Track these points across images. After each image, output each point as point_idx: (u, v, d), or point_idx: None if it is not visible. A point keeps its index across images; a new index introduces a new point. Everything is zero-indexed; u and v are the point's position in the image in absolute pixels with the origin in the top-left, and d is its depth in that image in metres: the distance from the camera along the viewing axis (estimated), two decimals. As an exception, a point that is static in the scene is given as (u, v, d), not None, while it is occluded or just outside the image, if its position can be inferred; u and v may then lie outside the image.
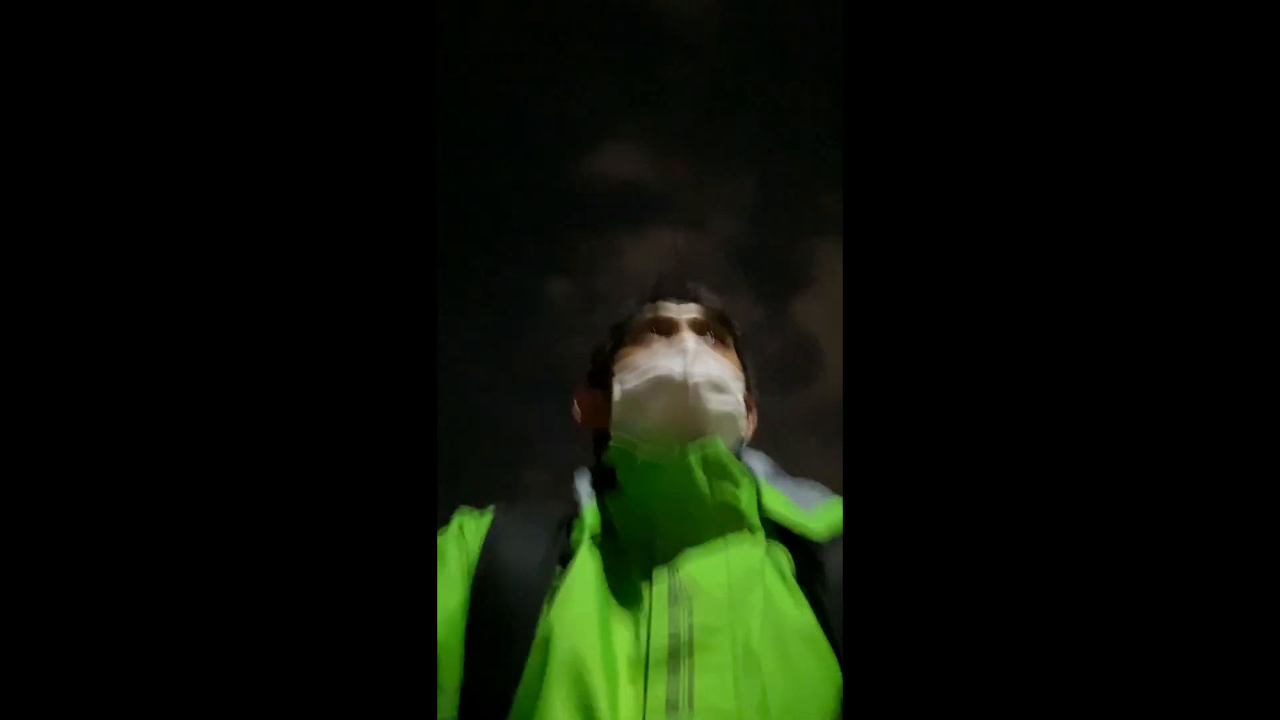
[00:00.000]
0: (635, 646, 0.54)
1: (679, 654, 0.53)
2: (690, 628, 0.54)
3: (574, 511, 0.67)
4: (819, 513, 0.64)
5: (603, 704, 0.51)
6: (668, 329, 0.74)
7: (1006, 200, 0.40)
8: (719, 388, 0.68)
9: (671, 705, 0.51)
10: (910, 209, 0.41)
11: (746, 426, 0.76)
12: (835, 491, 0.68)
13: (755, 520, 0.64)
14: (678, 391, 0.67)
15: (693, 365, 0.68)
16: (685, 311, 0.75)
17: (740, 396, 0.72)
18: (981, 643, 0.37)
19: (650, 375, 0.69)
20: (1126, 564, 0.36)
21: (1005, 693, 0.36)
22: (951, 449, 0.39)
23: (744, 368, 0.77)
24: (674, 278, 0.79)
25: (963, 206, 0.41)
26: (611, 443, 0.70)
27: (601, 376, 0.76)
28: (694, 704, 0.51)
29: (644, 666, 0.53)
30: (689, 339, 0.71)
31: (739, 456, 0.70)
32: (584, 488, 0.69)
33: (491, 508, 0.69)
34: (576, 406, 0.78)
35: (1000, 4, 0.41)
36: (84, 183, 0.39)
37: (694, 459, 0.64)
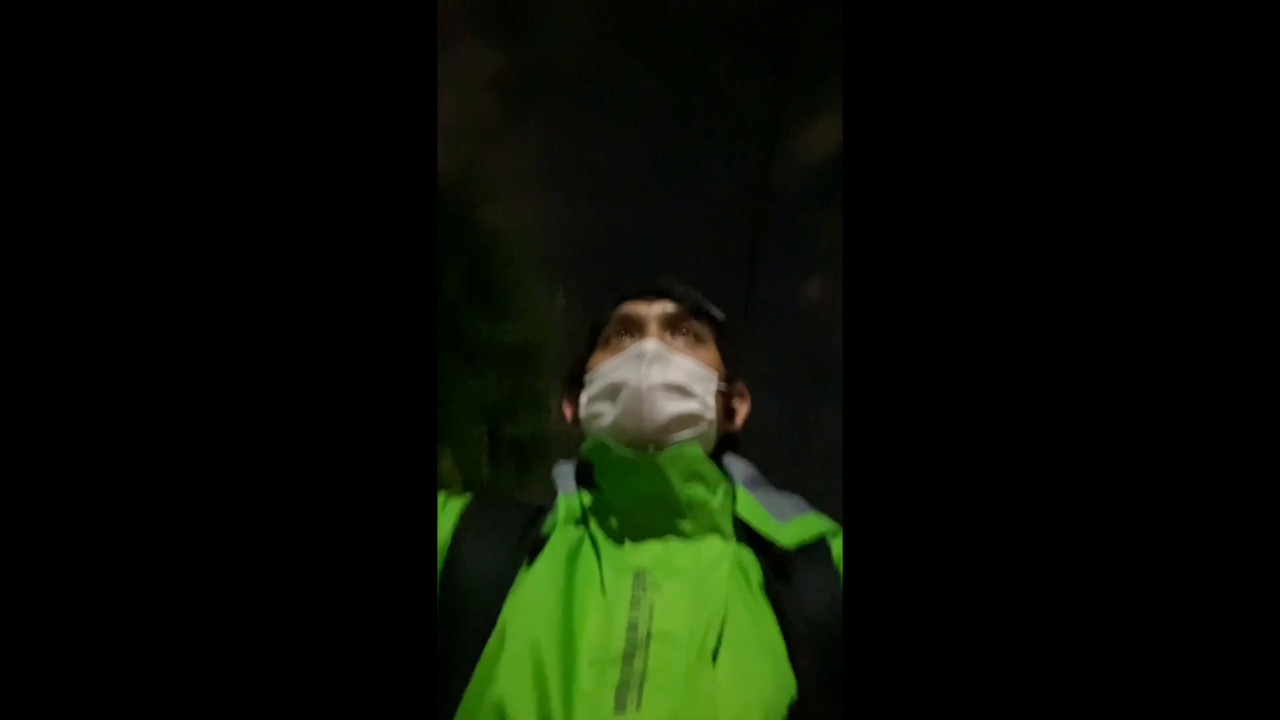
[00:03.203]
0: (594, 639, 0.55)
1: (634, 650, 0.54)
2: (649, 625, 0.55)
3: (549, 505, 0.68)
4: (792, 524, 0.65)
5: (555, 695, 0.52)
6: (636, 328, 0.74)
7: (1006, 203, 0.40)
8: (677, 390, 0.68)
9: (620, 700, 0.52)
10: (910, 210, 0.41)
11: (731, 421, 0.76)
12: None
13: (726, 524, 0.66)
14: (632, 398, 0.67)
15: (648, 370, 0.68)
16: (655, 308, 0.74)
17: (707, 394, 0.71)
18: (981, 644, 0.37)
19: (606, 383, 0.70)
20: (1125, 565, 0.36)
21: (1005, 694, 0.36)
22: (952, 451, 0.39)
23: (725, 360, 0.76)
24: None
25: (963, 208, 0.41)
26: (586, 440, 0.71)
27: (580, 379, 0.77)
28: (642, 701, 0.52)
29: (600, 660, 0.54)
30: (649, 342, 0.71)
31: (718, 456, 0.71)
32: (563, 481, 0.70)
33: (467, 495, 0.70)
34: (564, 407, 0.80)
35: (1001, 8, 0.41)
36: (85, 183, 0.39)
37: (666, 460, 0.65)
